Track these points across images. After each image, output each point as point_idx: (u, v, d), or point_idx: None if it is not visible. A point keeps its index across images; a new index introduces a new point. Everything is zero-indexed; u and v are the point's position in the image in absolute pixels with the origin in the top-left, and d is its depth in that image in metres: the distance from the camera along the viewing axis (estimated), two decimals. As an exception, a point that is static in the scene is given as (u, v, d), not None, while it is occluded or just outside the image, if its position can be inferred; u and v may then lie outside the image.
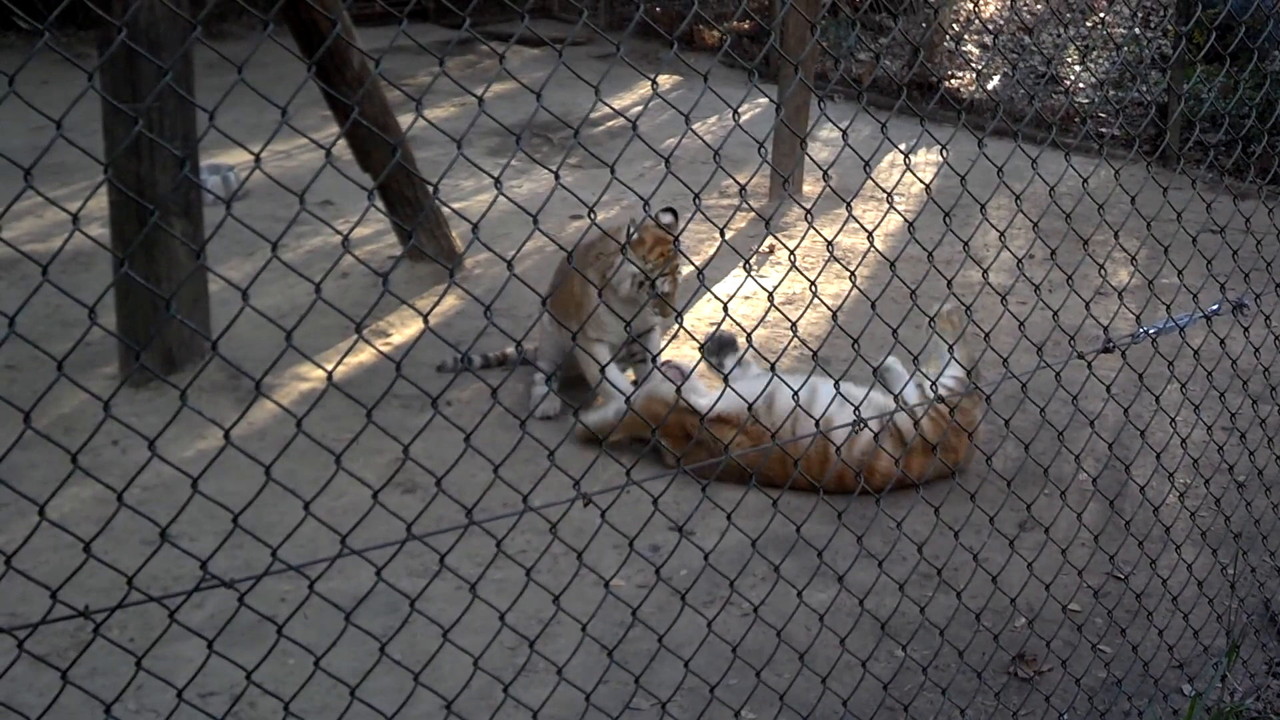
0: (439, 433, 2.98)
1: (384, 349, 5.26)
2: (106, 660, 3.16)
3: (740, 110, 2.40)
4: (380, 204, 5.90)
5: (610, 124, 9.06)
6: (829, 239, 2.56)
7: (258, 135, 6.15)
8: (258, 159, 1.78)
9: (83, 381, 2.12)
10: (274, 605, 3.46)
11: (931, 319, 3.03)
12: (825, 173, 2.54)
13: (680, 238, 4.57)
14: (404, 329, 5.56)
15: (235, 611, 1.98)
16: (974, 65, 10.14)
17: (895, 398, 2.94)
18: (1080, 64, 10.06)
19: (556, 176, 2.10)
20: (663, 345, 4.97)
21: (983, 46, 10.73)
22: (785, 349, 3.17)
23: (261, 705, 3.14)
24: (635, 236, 4.55)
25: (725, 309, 2.52)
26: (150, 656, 1.99)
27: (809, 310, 4.10)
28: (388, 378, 2.09)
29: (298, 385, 4.96)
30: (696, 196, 2.30)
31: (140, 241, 4.67)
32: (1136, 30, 10.24)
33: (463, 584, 2.35)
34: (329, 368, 1.96)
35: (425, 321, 2.03)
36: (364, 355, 5.09)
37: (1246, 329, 3.56)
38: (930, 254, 2.76)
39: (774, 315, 5.22)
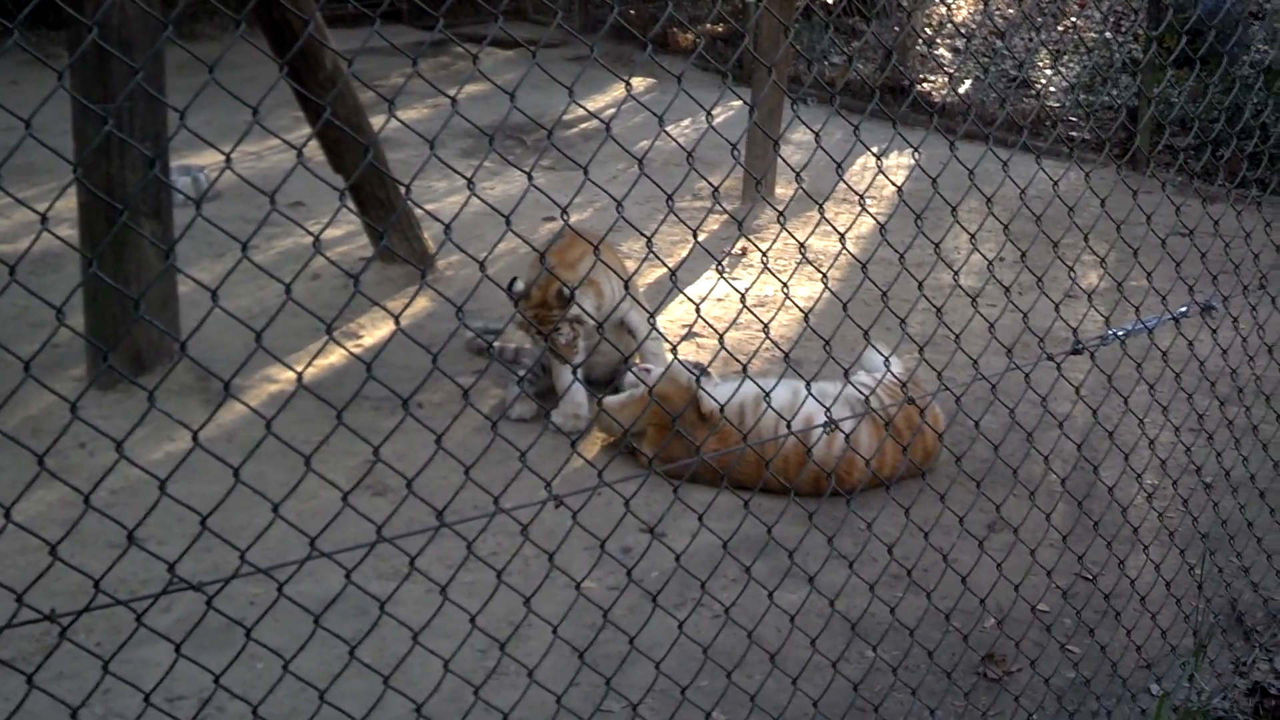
0: (410, 435, 2.98)
1: (355, 350, 5.25)
2: (73, 664, 3.14)
3: (714, 112, 2.41)
4: (352, 205, 5.89)
5: (584, 126, 9.06)
6: (801, 241, 2.57)
7: (229, 136, 6.11)
8: (228, 159, 1.77)
9: (50, 383, 2.10)
10: (243, 608, 3.44)
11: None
12: (798, 175, 2.55)
13: (560, 326, 4.58)
14: (375, 330, 5.55)
15: (203, 615, 1.97)
16: (946, 69, 10.19)
17: (866, 399, 2.95)
18: (1051, 68, 10.12)
19: (530, 178, 2.10)
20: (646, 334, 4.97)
21: (955, 50, 10.78)
22: (757, 351, 3.17)
23: (230, 709, 3.13)
24: (523, 289, 4.57)
25: (698, 310, 2.53)
26: (117, 660, 1.98)
27: (781, 312, 4.12)
28: (358, 379, 2.09)
29: (267, 387, 4.94)
30: (670, 198, 2.30)
31: (109, 242, 4.64)
32: (1107, 34, 10.32)
33: (433, 586, 2.34)
34: (299, 369, 1.95)
35: (397, 323, 2.03)
36: (335, 357, 5.08)
37: (1215, 331, 3.59)
38: (902, 256, 2.77)
39: (746, 317, 5.22)
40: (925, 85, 9.99)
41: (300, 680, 2.22)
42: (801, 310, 2.72)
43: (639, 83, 10.12)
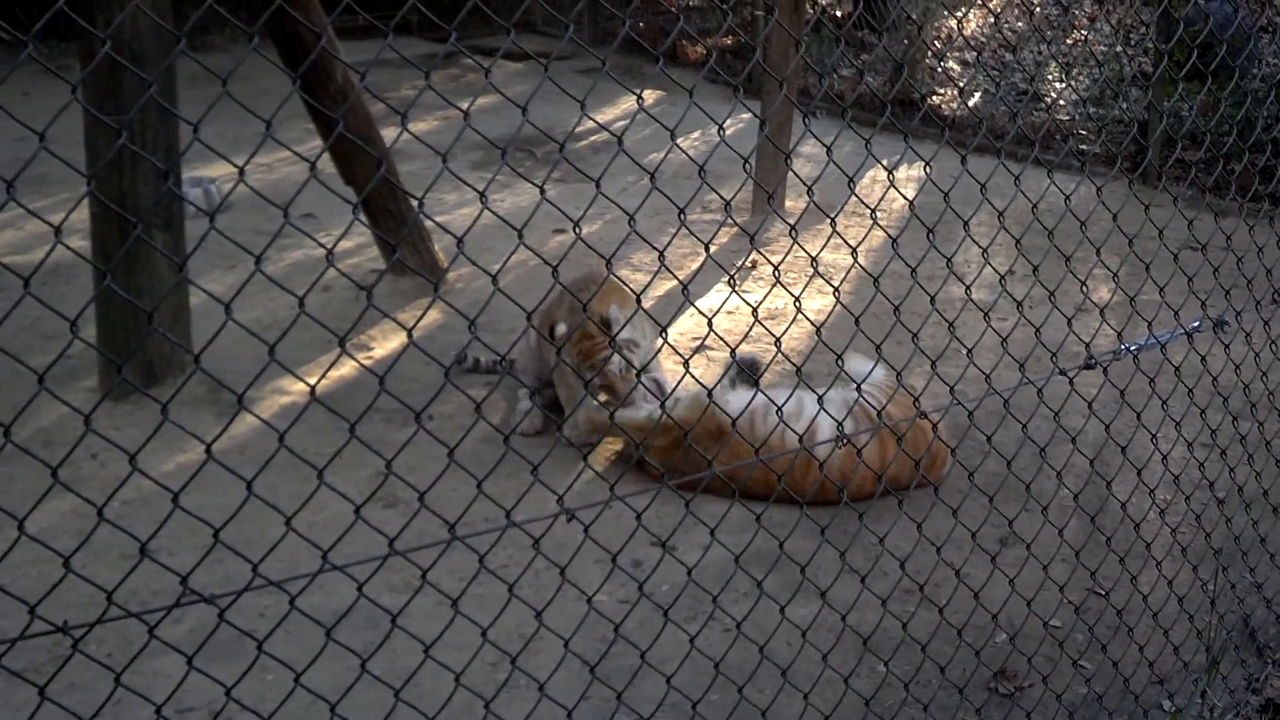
0: (422, 447, 2.97)
1: (367, 363, 5.25)
2: (85, 676, 3.14)
3: (724, 125, 2.41)
4: (364, 217, 5.90)
5: (594, 138, 9.07)
6: (812, 254, 2.57)
7: (241, 148, 6.13)
8: (241, 172, 1.77)
9: (63, 395, 2.11)
10: (254, 621, 3.44)
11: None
12: (809, 188, 2.55)
13: (615, 340, 4.50)
14: (387, 343, 5.55)
15: (215, 627, 1.97)
16: (956, 82, 10.19)
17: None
18: (1062, 81, 10.11)
19: (541, 191, 2.10)
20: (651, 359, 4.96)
21: (964, 64, 10.78)
22: (769, 364, 3.17)
23: (241, 721, 3.13)
24: (566, 331, 4.53)
25: (709, 323, 2.52)
26: (129, 672, 1.98)
27: (793, 325, 4.11)
28: (370, 392, 2.09)
29: (279, 399, 4.94)
30: (681, 211, 2.30)
31: (122, 254, 4.65)
32: (1118, 48, 10.31)
33: (444, 600, 2.34)
34: (311, 381, 1.95)
35: (409, 335, 2.03)
36: (346, 369, 5.08)
37: (1227, 346, 3.57)
38: (913, 270, 2.76)
39: (758, 330, 5.22)
40: (935, 98, 10.00)
41: (311, 693, 2.21)
42: (813, 323, 2.71)
43: (649, 96, 10.13)
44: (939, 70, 10.36)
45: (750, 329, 2.74)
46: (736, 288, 6.61)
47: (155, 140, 4.64)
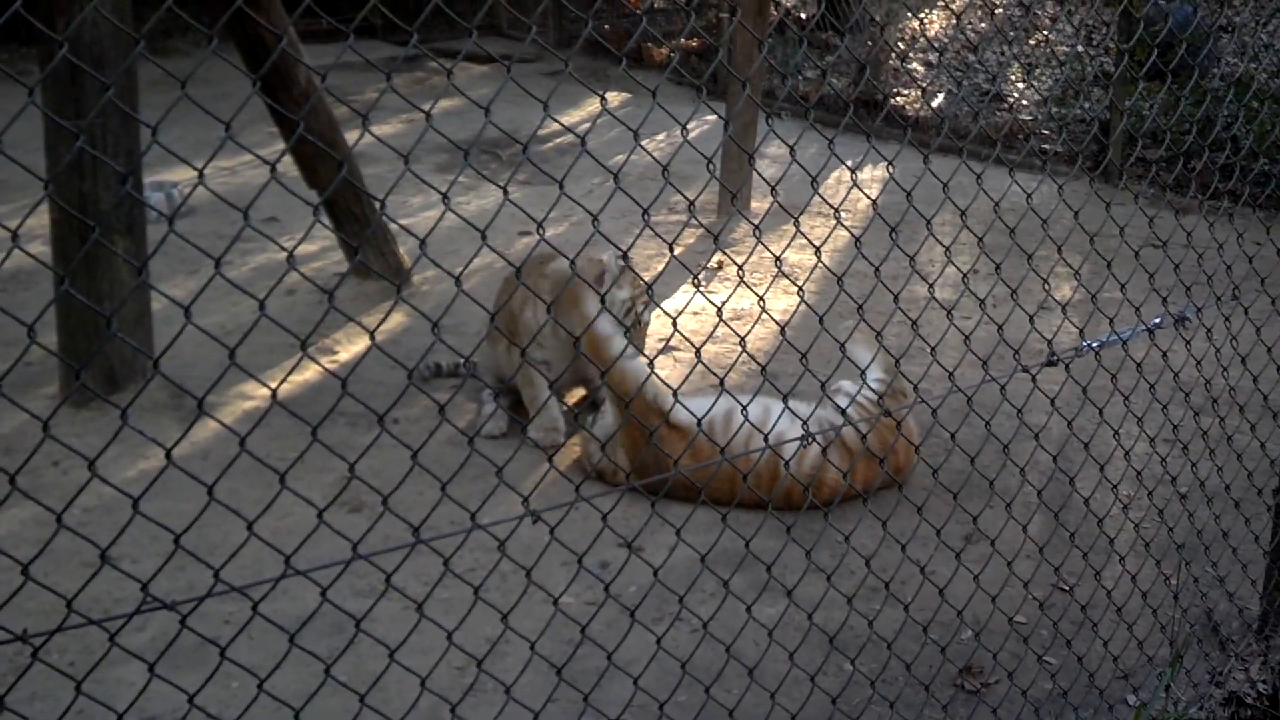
0: (386, 451, 2.96)
1: (330, 366, 5.22)
2: (46, 684, 3.11)
3: (689, 127, 2.41)
4: (327, 220, 5.87)
5: (558, 140, 9.06)
6: (777, 255, 2.57)
7: (202, 152, 6.09)
8: (201, 175, 1.76)
9: (22, 401, 2.09)
10: (217, 627, 3.42)
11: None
12: (773, 189, 2.55)
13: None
14: (350, 346, 5.53)
15: (177, 634, 1.95)
16: (919, 83, 10.24)
17: (843, 413, 2.96)
18: (1024, 81, 10.18)
19: (505, 193, 2.09)
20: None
21: (928, 64, 10.83)
22: (734, 364, 3.17)
23: (206, 728, 3.10)
24: (622, 270, 4.69)
25: (674, 324, 2.53)
26: (90, 680, 1.96)
27: (757, 325, 4.12)
28: (334, 396, 2.07)
29: (241, 404, 4.91)
30: (645, 212, 2.30)
31: (82, 259, 4.61)
32: (1079, 48, 10.39)
33: (410, 603, 2.33)
34: (273, 386, 1.94)
35: (372, 338, 2.02)
36: (309, 373, 5.05)
37: (1188, 342, 3.60)
38: (877, 269, 2.77)
39: (723, 331, 5.22)
40: (899, 99, 10.04)
41: (275, 699, 2.20)
42: (778, 323, 2.72)
43: (613, 97, 10.13)
44: (902, 71, 10.41)
45: (715, 329, 2.74)
46: (702, 288, 6.65)
47: (116, 144, 4.61)
